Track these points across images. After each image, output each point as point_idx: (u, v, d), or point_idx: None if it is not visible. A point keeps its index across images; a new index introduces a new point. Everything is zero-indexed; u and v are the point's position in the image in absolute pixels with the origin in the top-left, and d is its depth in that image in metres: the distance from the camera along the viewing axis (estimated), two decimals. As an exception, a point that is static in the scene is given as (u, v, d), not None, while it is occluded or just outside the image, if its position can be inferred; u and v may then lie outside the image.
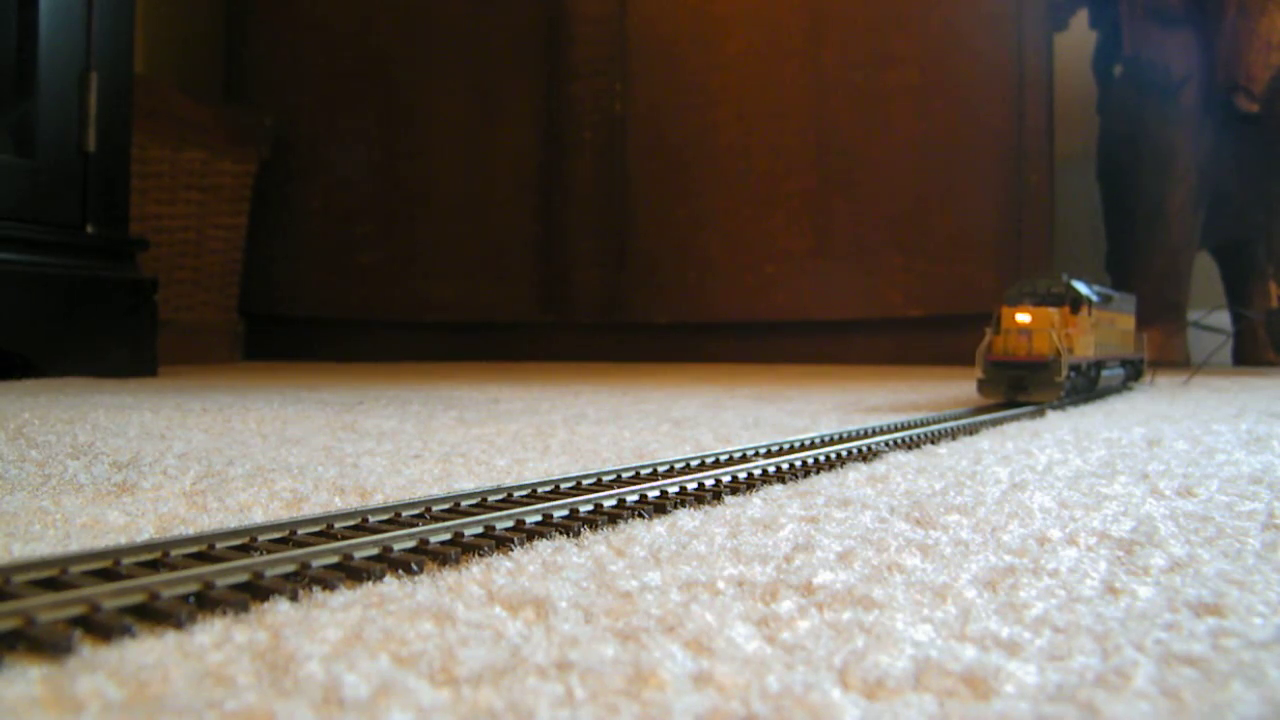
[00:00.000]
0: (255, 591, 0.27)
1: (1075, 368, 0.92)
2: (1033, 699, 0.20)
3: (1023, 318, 0.89)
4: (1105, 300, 1.06)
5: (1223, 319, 2.00)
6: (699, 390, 1.19)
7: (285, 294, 2.19)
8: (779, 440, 0.57)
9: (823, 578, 0.29)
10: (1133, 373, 1.24)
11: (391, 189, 2.19)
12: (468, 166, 2.16)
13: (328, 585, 0.28)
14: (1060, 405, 0.91)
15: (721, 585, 0.29)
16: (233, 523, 0.37)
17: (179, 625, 0.24)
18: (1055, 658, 0.23)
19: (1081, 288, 0.96)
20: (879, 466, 0.52)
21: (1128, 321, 1.21)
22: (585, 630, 0.24)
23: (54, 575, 0.27)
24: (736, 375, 1.57)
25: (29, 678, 0.21)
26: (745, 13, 2.03)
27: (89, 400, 0.90)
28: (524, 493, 0.40)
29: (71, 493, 0.43)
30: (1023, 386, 0.88)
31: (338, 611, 0.26)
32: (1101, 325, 1.03)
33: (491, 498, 0.39)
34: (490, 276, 2.16)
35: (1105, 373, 1.04)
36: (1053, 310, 0.89)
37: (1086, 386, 1.00)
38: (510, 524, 0.35)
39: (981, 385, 0.91)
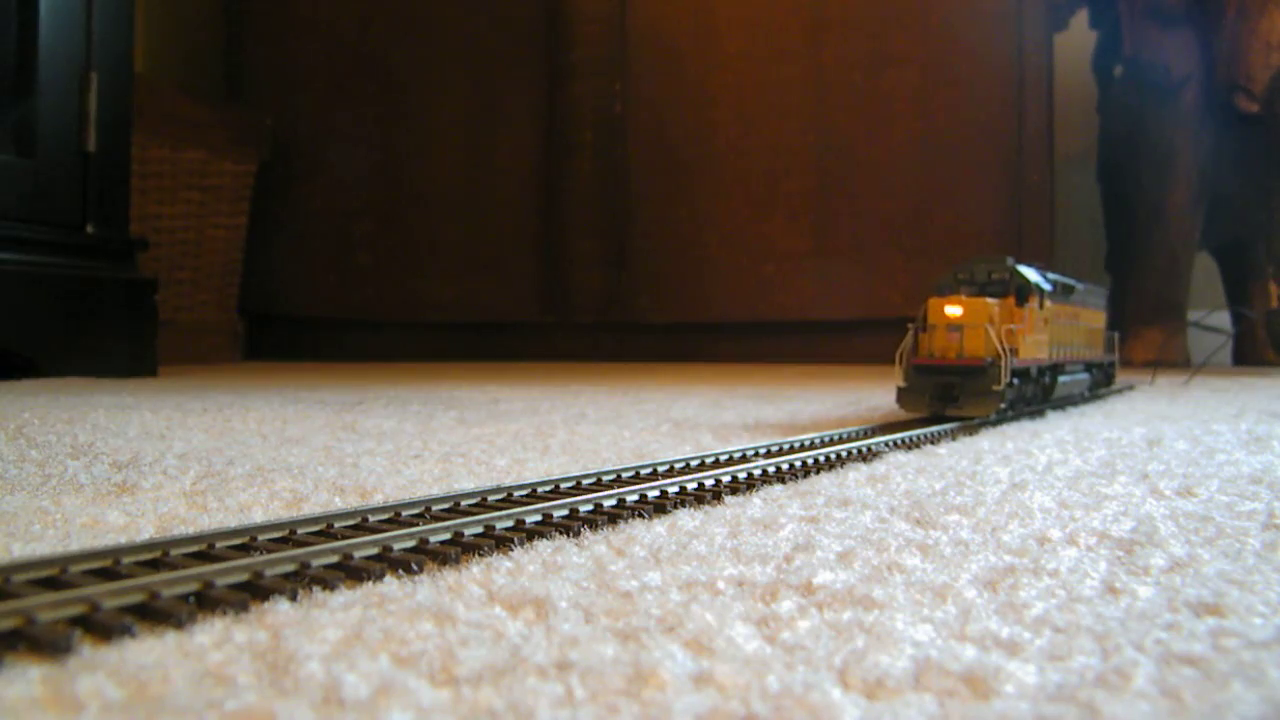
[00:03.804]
0: (255, 591, 0.27)
1: (1021, 373, 0.75)
2: (1033, 699, 0.20)
3: (953, 310, 0.71)
4: (1064, 291, 0.89)
5: (1223, 319, 2.00)
6: (699, 390, 1.19)
7: (285, 294, 2.19)
8: (779, 440, 0.57)
9: (823, 578, 0.29)
10: (1102, 378, 1.05)
11: (391, 189, 2.19)
12: (468, 166, 2.16)
13: (328, 585, 0.28)
14: (1055, 409, 0.89)
15: (721, 585, 0.29)
16: (233, 522, 0.37)
17: (179, 625, 0.24)
18: (1055, 658, 0.23)
19: (1031, 274, 0.79)
20: (879, 466, 0.52)
21: (1095, 318, 1.02)
22: (585, 630, 0.24)
23: (54, 575, 0.27)
24: (736, 375, 1.57)
25: (29, 678, 0.21)
26: (745, 13, 2.03)
27: (89, 400, 0.90)
28: (524, 492, 0.40)
29: (71, 493, 0.43)
30: (952, 397, 0.70)
31: (338, 611, 0.26)
32: (1059, 321, 0.86)
33: (491, 497, 0.39)
34: (490, 276, 2.16)
35: (1063, 379, 0.88)
36: (992, 302, 0.72)
37: (1037, 396, 0.83)
38: (510, 524, 0.35)
39: (902, 395, 0.73)
